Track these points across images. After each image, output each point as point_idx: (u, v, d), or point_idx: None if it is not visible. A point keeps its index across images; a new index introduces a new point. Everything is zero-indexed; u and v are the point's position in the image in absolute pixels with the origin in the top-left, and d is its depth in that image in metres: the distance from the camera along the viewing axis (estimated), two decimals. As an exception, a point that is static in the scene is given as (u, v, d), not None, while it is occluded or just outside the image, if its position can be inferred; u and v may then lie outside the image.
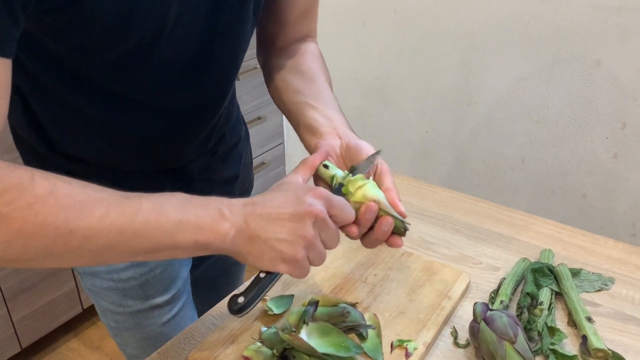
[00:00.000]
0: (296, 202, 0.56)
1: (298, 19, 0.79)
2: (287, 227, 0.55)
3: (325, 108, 0.70)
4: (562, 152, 1.70)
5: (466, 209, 1.01)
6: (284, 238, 0.55)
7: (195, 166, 0.80)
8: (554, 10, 1.56)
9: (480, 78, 1.77)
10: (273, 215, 0.55)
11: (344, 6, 1.98)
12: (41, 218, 0.47)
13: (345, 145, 0.67)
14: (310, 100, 0.71)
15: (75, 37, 0.56)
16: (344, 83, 2.10)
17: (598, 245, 0.91)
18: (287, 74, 0.76)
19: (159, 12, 0.57)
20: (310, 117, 0.70)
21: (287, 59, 0.78)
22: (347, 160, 0.68)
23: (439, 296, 0.78)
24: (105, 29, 0.56)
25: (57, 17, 0.52)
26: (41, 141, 0.72)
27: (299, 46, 0.80)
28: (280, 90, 0.77)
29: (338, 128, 0.68)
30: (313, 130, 0.69)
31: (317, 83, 0.74)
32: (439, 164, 2.00)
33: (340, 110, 0.73)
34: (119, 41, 0.58)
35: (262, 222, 0.55)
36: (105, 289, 0.81)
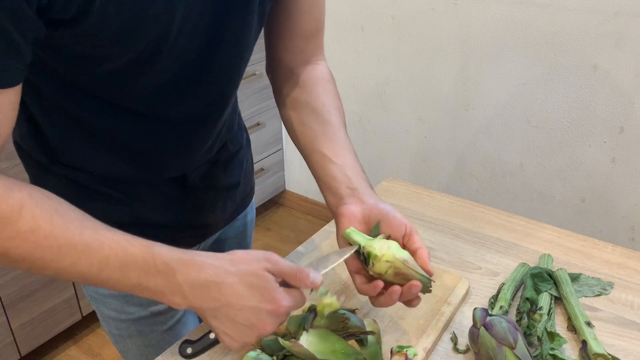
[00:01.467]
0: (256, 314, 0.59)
1: (306, 37, 0.79)
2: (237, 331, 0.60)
3: (343, 163, 0.73)
4: (561, 157, 1.71)
5: (465, 214, 1.01)
6: (230, 335, 0.60)
7: (197, 174, 0.81)
8: (551, 15, 1.57)
9: (479, 83, 1.78)
10: (230, 316, 0.59)
11: (342, 12, 1.99)
12: (20, 252, 0.54)
13: (369, 208, 0.69)
14: (326, 151, 0.74)
15: (78, 50, 0.56)
16: (343, 89, 2.10)
17: (597, 250, 0.91)
18: (302, 113, 0.78)
19: (162, 23, 0.58)
20: (329, 175, 0.73)
21: (300, 92, 0.79)
22: (371, 223, 0.69)
23: (438, 302, 0.78)
24: (110, 40, 0.56)
25: (63, 32, 0.52)
26: (43, 152, 0.72)
27: (310, 71, 0.80)
28: (297, 132, 0.78)
29: (358, 189, 0.71)
30: (332, 189, 0.72)
31: (331, 124, 0.76)
32: (438, 169, 2.00)
33: (355, 157, 0.75)
34: (123, 52, 0.58)
35: (217, 316, 0.60)
36: (107, 296, 0.81)
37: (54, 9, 0.49)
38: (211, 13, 0.62)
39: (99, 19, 0.53)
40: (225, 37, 0.65)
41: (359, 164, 0.75)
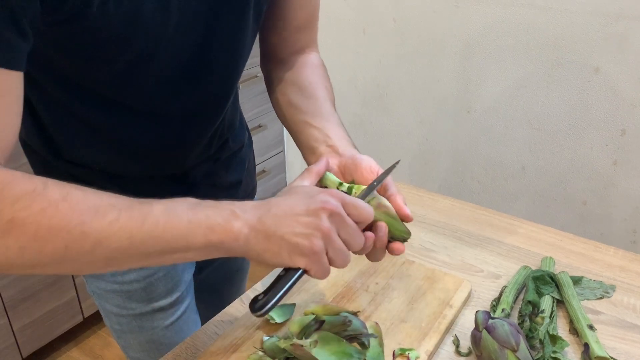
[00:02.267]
0: (309, 199, 0.56)
1: (298, 30, 0.80)
2: (302, 221, 0.54)
3: (323, 125, 0.71)
4: (562, 159, 1.71)
5: (467, 216, 1.01)
6: (300, 231, 0.54)
7: (198, 171, 0.81)
8: (552, 17, 1.57)
9: (480, 85, 1.78)
10: (287, 212, 0.55)
11: (344, 15, 1.99)
12: (55, 222, 0.48)
13: (345, 162, 0.68)
14: (309, 119, 0.72)
15: (79, 48, 0.57)
16: (344, 90, 2.11)
17: (599, 253, 0.91)
18: (287, 88, 0.77)
19: (158, 21, 0.58)
20: (310, 137, 0.71)
21: (288, 72, 0.79)
22: (346, 175, 0.68)
23: (440, 304, 0.78)
24: (109, 39, 0.57)
25: (64, 30, 0.53)
26: (49, 149, 0.73)
27: (300, 58, 0.81)
28: (282, 105, 0.78)
29: (337, 146, 0.69)
30: (312, 150, 0.71)
31: (317, 98, 0.75)
32: (439, 171, 2.00)
33: (340, 124, 0.74)
34: (122, 51, 0.59)
35: (276, 220, 0.54)
36: (109, 291, 0.82)
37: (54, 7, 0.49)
38: (207, 11, 0.62)
39: (98, 17, 0.53)
40: (221, 34, 0.66)
41: (342, 129, 0.73)
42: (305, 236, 0.54)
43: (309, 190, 0.58)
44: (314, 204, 0.55)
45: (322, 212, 0.55)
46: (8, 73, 0.49)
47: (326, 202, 0.55)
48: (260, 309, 0.57)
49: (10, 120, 0.51)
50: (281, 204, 0.56)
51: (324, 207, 0.55)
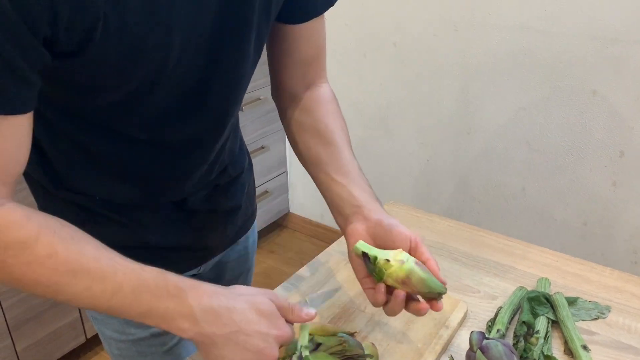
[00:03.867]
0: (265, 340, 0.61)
1: (306, 64, 0.81)
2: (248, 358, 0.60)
3: (347, 181, 0.75)
4: (562, 181, 1.72)
5: (464, 237, 1.03)
6: None
7: (198, 197, 0.82)
8: (550, 41, 1.60)
9: (480, 108, 1.80)
10: (241, 343, 0.60)
11: (346, 39, 2.03)
12: (36, 276, 0.55)
13: (374, 225, 0.70)
14: (332, 173, 0.76)
15: (80, 79, 0.59)
16: (346, 113, 2.12)
17: (594, 274, 0.92)
18: (307, 136, 0.80)
19: (160, 54, 0.60)
20: (335, 195, 0.75)
21: (304, 116, 0.81)
22: (377, 239, 0.71)
23: (436, 325, 0.79)
24: (110, 71, 0.59)
25: (65, 62, 0.55)
26: (48, 177, 0.74)
27: (312, 94, 0.82)
28: (303, 155, 0.81)
29: (363, 206, 0.72)
30: (338, 209, 0.74)
31: (336, 145, 0.78)
32: (441, 192, 2.02)
33: (360, 172, 0.77)
34: (122, 82, 0.61)
35: (228, 343, 0.60)
36: (108, 317, 0.83)
37: (57, 41, 0.52)
38: (208, 44, 0.64)
39: (99, 51, 0.55)
40: (222, 67, 0.67)
41: (364, 180, 0.76)
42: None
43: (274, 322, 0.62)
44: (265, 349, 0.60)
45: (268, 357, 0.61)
46: (18, 117, 0.53)
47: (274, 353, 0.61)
48: None
49: (19, 157, 0.56)
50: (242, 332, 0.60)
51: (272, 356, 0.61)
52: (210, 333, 0.59)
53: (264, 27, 0.70)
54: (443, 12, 1.77)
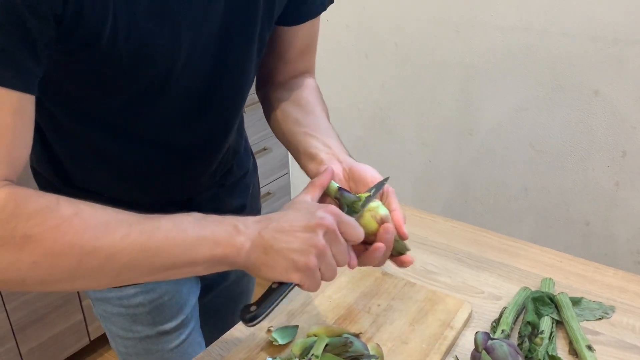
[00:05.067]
0: (308, 215, 0.58)
1: (298, 56, 0.82)
2: (299, 237, 0.57)
3: (323, 136, 0.73)
4: (564, 181, 1.72)
5: (468, 238, 1.03)
6: (296, 247, 0.56)
7: (203, 197, 0.83)
8: (550, 42, 1.60)
9: (481, 108, 1.81)
10: (286, 228, 0.57)
11: (347, 40, 2.03)
12: (69, 238, 0.50)
13: (348, 169, 0.69)
14: (308, 130, 0.74)
15: (90, 77, 0.59)
16: (347, 113, 2.14)
17: (598, 274, 0.92)
18: (287, 106, 0.79)
19: (169, 54, 0.61)
20: (310, 145, 0.72)
21: (287, 92, 0.81)
22: (350, 183, 0.69)
23: (441, 326, 0.79)
24: (119, 69, 0.59)
25: (75, 58, 0.55)
26: (58, 176, 0.75)
27: (298, 80, 0.83)
28: (280, 121, 0.79)
29: (337, 154, 0.71)
30: (312, 156, 0.71)
31: (315, 114, 0.77)
32: (442, 192, 2.02)
33: (339, 139, 0.75)
34: (132, 81, 0.61)
35: (275, 234, 0.57)
36: (115, 314, 0.83)
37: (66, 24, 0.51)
38: (215, 45, 0.65)
39: (107, 48, 0.55)
40: (229, 66, 0.68)
41: (341, 142, 0.74)
42: (302, 252, 0.56)
43: (309, 206, 0.60)
44: (311, 221, 0.57)
45: (318, 229, 0.57)
46: (23, 96, 0.51)
47: (323, 219, 0.57)
48: (252, 320, 0.59)
49: (24, 140, 0.53)
50: (281, 219, 0.58)
51: (320, 224, 0.57)
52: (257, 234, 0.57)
53: (266, 28, 0.71)
54: (443, 13, 1.77)
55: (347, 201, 0.64)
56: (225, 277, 0.97)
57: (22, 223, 0.49)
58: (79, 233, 0.50)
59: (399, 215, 0.65)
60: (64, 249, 0.50)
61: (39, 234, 0.49)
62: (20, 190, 0.51)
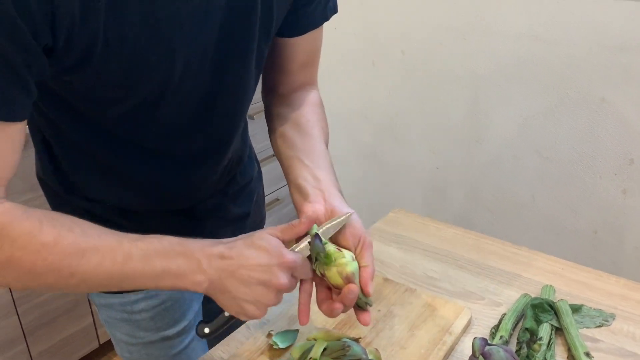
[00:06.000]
0: (268, 271, 0.61)
1: (300, 68, 0.83)
2: (255, 291, 0.61)
3: (314, 166, 0.74)
4: (572, 189, 1.72)
5: (470, 245, 1.03)
6: (250, 300, 0.61)
7: (206, 205, 0.84)
8: (558, 50, 1.60)
9: (488, 116, 1.81)
10: (245, 278, 0.61)
11: (354, 47, 2.05)
12: (47, 262, 0.56)
13: (330, 211, 0.69)
14: (301, 156, 0.75)
15: (86, 93, 0.61)
16: (356, 120, 2.16)
17: (600, 282, 0.92)
18: (286, 126, 0.80)
19: (163, 69, 0.62)
20: (299, 175, 0.73)
21: (288, 110, 0.82)
22: None
23: (440, 331, 0.80)
24: (113, 85, 0.61)
25: (70, 76, 0.57)
26: (62, 185, 0.77)
27: (300, 95, 0.84)
28: (278, 142, 0.80)
29: (324, 190, 0.71)
30: (300, 188, 0.73)
31: (311, 136, 0.78)
32: (451, 200, 2.02)
33: (330, 166, 0.76)
34: (127, 95, 0.63)
35: (234, 282, 0.61)
36: (119, 320, 0.85)
37: (58, 51, 0.54)
38: (212, 59, 0.66)
39: (100, 65, 0.57)
40: (226, 80, 0.69)
41: (332, 172, 0.75)
42: (254, 304, 0.62)
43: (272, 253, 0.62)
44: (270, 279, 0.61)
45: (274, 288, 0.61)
46: (10, 125, 0.55)
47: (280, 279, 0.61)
48: (204, 337, 0.68)
49: (11, 161, 0.58)
50: (243, 264, 0.61)
51: (277, 284, 0.61)
52: (217, 277, 0.61)
53: (264, 41, 0.72)
54: (451, 20, 1.78)
55: (316, 251, 0.65)
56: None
57: (8, 245, 0.55)
58: (57, 260, 0.56)
59: (368, 273, 0.66)
60: (44, 271, 0.57)
61: (21, 256, 0.56)
62: (8, 212, 0.56)
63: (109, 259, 0.58)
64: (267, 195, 2.35)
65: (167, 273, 0.60)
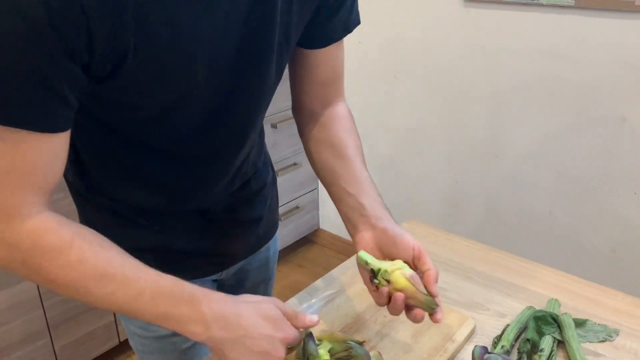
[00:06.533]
0: (271, 343, 0.66)
1: (324, 85, 0.86)
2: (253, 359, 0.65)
3: (357, 191, 0.79)
4: (591, 207, 1.71)
5: (480, 257, 1.05)
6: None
7: (220, 207, 0.88)
8: (578, 68, 1.61)
9: (508, 131, 1.82)
10: (247, 346, 0.65)
11: (376, 60, 2.09)
12: (68, 279, 0.62)
13: (380, 233, 0.75)
14: (343, 184, 0.81)
15: (113, 98, 0.66)
16: (376, 133, 2.19)
17: (607, 298, 0.93)
18: (322, 150, 0.85)
19: (185, 81, 0.66)
20: (347, 206, 0.80)
21: (319, 130, 0.86)
22: (382, 247, 0.75)
23: (443, 339, 0.82)
24: (139, 93, 0.65)
25: (100, 85, 0.62)
26: (86, 185, 0.82)
27: (328, 111, 0.87)
28: (316, 164, 0.86)
29: (370, 216, 0.77)
30: (350, 220, 0.79)
31: (348, 159, 0.83)
32: (469, 214, 2.03)
33: (371, 184, 0.81)
34: (151, 103, 0.67)
35: (235, 348, 0.65)
36: None
37: (94, 67, 0.58)
38: (231, 71, 0.69)
39: (129, 76, 0.61)
40: (243, 91, 0.73)
41: (374, 190, 0.80)
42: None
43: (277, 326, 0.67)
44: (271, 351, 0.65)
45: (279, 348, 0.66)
46: (52, 135, 0.59)
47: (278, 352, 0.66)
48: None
49: (55, 170, 0.62)
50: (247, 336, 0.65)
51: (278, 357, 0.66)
52: (220, 337, 0.65)
53: (284, 53, 0.76)
54: (472, 37, 1.80)
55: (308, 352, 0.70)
56: (241, 284, 1.02)
57: (38, 255, 0.61)
58: (77, 279, 0.62)
59: (431, 276, 0.72)
60: (65, 284, 0.62)
61: (47, 267, 0.61)
62: (42, 225, 0.61)
63: (122, 291, 0.63)
64: (288, 203, 2.39)
65: (171, 318, 0.64)
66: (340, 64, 0.87)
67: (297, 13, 0.74)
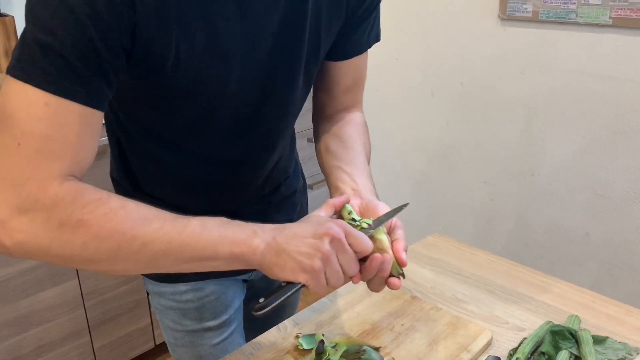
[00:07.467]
0: (317, 226, 0.66)
1: (345, 91, 0.91)
2: (307, 242, 0.65)
3: (354, 173, 0.81)
4: (628, 227, 1.67)
5: (502, 272, 1.06)
6: (304, 251, 0.64)
7: (251, 210, 0.93)
8: (615, 86, 1.59)
9: (543, 149, 1.81)
10: (297, 234, 0.66)
11: (414, 79, 2.11)
12: (113, 225, 0.61)
13: (365, 204, 0.76)
14: (342, 165, 0.82)
15: (153, 101, 0.72)
16: (411, 149, 2.20)
17: (630, 317, 0.92)
18: (329, 139, 0.88)
19: (220, 83, 0.71)
20: (338, 178, 0.81)
21: (332, 125, 0.90)
22: (363, 216, 0.76)
23: (458, 348, 0.83)
24: (178, 95, 0.70)
25: (141, 83, 0.67)
26: (131, 183, 0.89)
27: (345, 115, 0.92)
28: (321, 153, 0.89)
29: (361, 191, 0.78)
30: (338, 189, 0.80)
31: (354, 149, 0.85)
32: (502, 232, 2.01)
33: (369, 176, 0.82)
34: (188, 105, 0.72)
35: (287, 239, 0.65)
36: (168, 307, 0.95)
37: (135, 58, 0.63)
38: (262, 77, 0.75)
39: (169, 78, 0.66)
40: (273, 96, 0.78)
41: (370, 181, 0.81)
42: (308, 256, 0.64)
43: (320, 219, 0.69)
44: (319, 230, 0.66)
45: (325, 236, 0.65)
46: (91, 110, 0.62)
47: (330, 228, 0.65)
48: (259, 310, 0.67)
49: (89, 146, 0.63)
50: (294, 227, 0.67)
51: (327, 233, 0.65)
52: (272, 239, 0.65)
53: (312, 63, 0.80)
54: (509, 54, 1.81)
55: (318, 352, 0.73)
56: (270, 287, 1.06)
57: (78, 210, 0.60)
58: (121, 222, 0.61)
59: (399, 244, 0.71)
60: (109, 234, 0.60)
61: (89, 220, 0.60)
62: (81, 185, 0.62)
63: (169, 224, 0.63)
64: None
65: (224, 238, 0.64)
66: (362, 72, 0.91)
67: (326, 26, 0.79)
